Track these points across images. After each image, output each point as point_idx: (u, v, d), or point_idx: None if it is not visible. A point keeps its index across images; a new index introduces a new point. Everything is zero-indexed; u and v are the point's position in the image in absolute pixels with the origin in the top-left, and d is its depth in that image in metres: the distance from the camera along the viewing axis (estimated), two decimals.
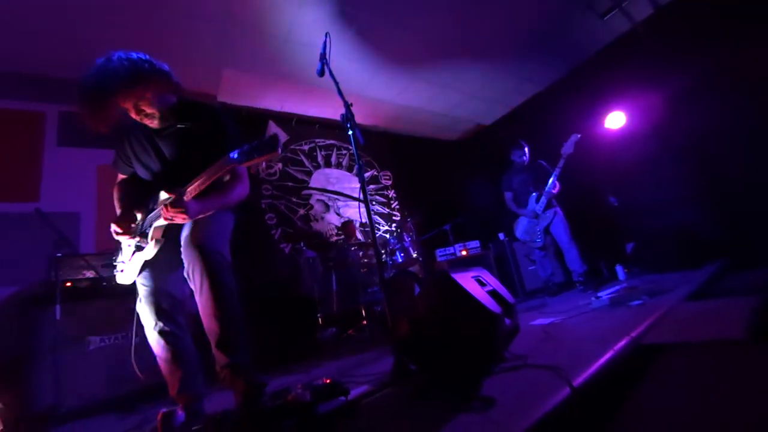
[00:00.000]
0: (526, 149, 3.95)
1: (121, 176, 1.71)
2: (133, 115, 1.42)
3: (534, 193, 3.70)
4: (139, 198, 1.60)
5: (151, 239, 1.49)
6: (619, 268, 3.70)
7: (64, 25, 3.09)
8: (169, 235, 1.52)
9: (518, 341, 1.70)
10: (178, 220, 1.34)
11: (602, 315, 2.14)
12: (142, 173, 1.60)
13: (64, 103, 3.66)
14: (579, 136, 3.60)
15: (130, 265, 1.56)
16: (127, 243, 1.57)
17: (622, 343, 1.49)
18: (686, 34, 3.90)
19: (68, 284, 2.39)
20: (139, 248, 1.53)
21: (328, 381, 1.25)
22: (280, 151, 1.18)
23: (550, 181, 3.58)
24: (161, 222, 1.44)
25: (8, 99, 3.37)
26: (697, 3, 3.81)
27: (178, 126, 1.50)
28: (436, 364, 1.30)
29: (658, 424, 1.04)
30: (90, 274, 2.53)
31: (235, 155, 1.22)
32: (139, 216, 1.56)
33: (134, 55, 1.35)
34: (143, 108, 1.39)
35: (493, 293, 1.47)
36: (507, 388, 1.19)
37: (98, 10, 3.01)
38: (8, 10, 2.87)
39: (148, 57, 1.39)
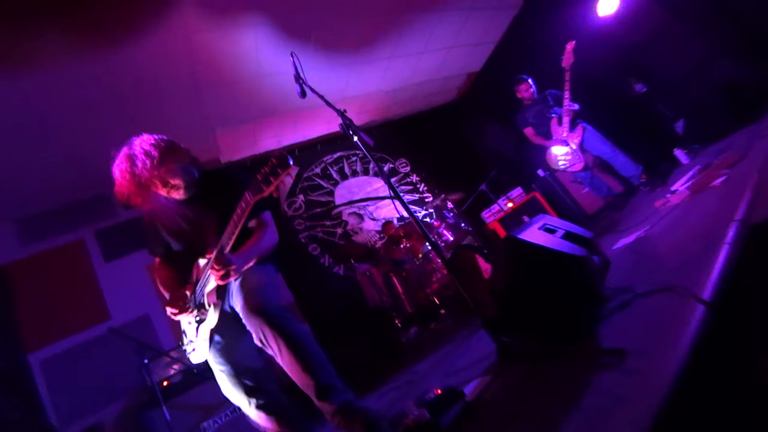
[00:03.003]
0: (530, 81, 3.70)
1: (157, 261, 1.76)
2: (161, 189, 1.53)
3: (555, 117, 3.45)
4: (180, 276, 1.66)
5: (209, 306, 1.52)
6: (678, 152, 3.37)
7: (67, 155, 3.24)
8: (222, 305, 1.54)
9: (611, 273, 1.55)
10: (232, 276, 1.39)
11: (688, 209, 1.92)
12: (177, 245, 1.66)
13: (95, 221, 3.86)
14: (574, 42, 3.32)
15: (199, 340, 1.58)
16: (187, 321, 1.60)
17: (731, 231, 1.29)
18: None
19: (165, 383, 2.49)
20: (200, 321, 1.56)
21: (439, 391, 1.19)
22: (291, 162, 1.23)
23: (565, 99, 3.33)
24: (212, 285, 1.50)
25: (48, 239, 3.60)
26: None
27: (203, 194, 1.60)
28: (540, 333, 1.19)
29: None
30: (179, 366, 2.64)
31: (250, 191, 1.31)
32: (188, 293, 1.60)
33: (154, 137, 1.53)
34: (169, 180, 1.51)
35: (569, 236, 1.34)
36: (629, 330, 1.07)
37: (81, 126, 3.11)
38: (21, 166, 3.06)
39: (164, 136, 1.56)
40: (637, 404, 0.76)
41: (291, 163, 1.21)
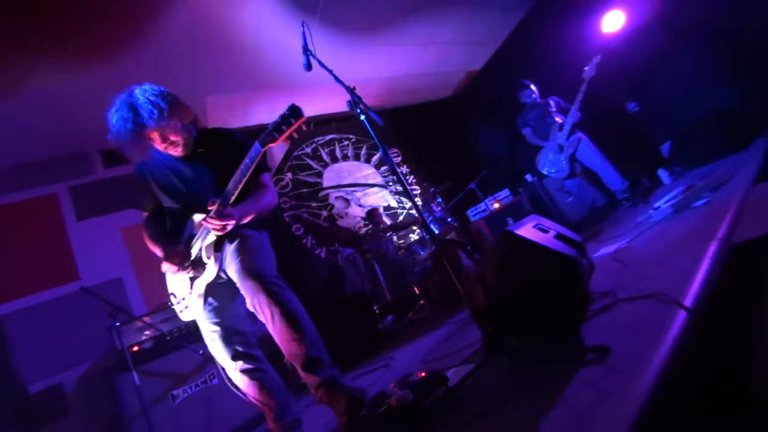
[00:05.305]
0: (533, 87, 3.84)
1: (145, 215, 1.69)
2: (158, 144, 1.47)
3: (556, 123, 3.56)
4: (171, 231, 1.60)
5: (208, 258, 1.48)
6: (661, 173, 3.50)
7: (47, 108, 3.07)
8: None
9: (593, 279, 1.61)
10: (229, 227, 1.38)
11: (671, 225, 2.00)
12: (168, 202, 1.59)
13: (71, 178, 3.68)
14: (599, 57, 3.40)
15: (193, 297, 1.53)
16: (180, 278, 1.56)
17: (712, 247, 1.36)
18: None
19: (135, 348, 2.43)
20: (194, 278, 1.53)
21: (423, 374, 1.20)
22: (304, 113, 1.27)
23: (573, 108, 3.44)
24: (211, 238, 1.46)
25: (18, 191, 3.41)
26: None
27: (198, 150, 1.56)
28: (527, 326, 1.23)
29: None
30: (151, 332, 2.57)
31: (260, 141, 1.33)
32: (184, 248, 1.55)
33: (159, 88, 1.44)
34: (169, 136, 1.45)
35: (560, 237, 1.37)
36: (613, 330, 1.11)
37: (79, 82, 2.95)
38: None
39: (167, 89, 1.47)
40: (622, 398, 0.80)
41: (304, 113, 1.25)
